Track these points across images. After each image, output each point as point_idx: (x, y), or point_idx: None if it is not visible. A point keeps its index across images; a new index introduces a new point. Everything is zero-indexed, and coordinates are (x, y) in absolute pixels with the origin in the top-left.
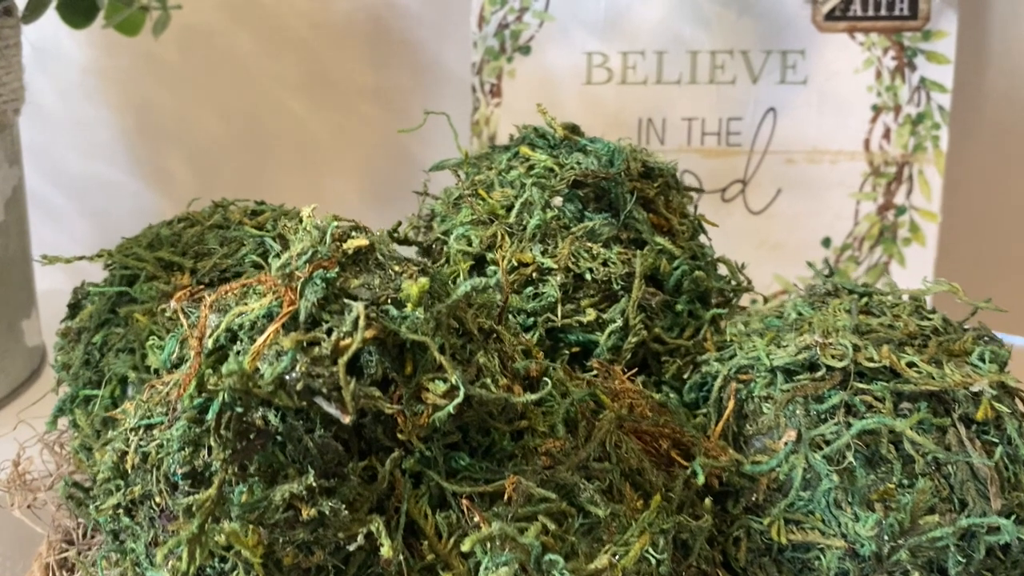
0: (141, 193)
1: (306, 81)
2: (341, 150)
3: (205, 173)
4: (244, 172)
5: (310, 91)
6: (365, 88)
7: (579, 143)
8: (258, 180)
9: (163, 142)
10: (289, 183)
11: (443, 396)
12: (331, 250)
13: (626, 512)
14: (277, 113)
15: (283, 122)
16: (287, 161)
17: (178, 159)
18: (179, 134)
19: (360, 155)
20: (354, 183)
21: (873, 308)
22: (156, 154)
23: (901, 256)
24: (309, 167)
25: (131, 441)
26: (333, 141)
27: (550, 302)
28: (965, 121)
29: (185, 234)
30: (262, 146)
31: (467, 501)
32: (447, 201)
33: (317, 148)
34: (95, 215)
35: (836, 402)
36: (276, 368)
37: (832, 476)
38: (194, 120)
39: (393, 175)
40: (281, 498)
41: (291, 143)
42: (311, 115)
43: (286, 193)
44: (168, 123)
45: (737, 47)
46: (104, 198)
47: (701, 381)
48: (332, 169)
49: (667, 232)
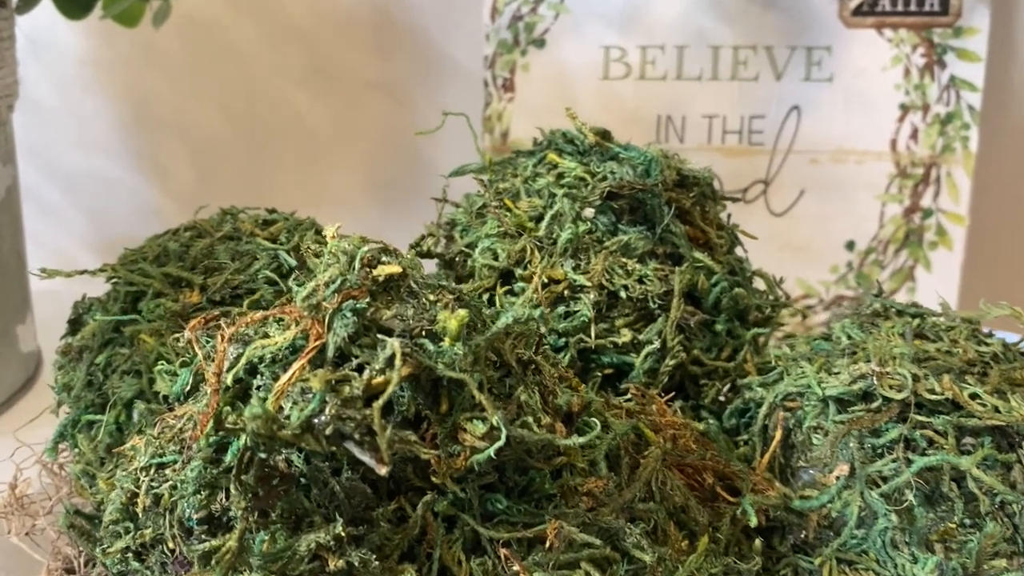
0: (139, 188)
1: (309, 73)
2: (344, 145)
3: (205, 168)
4: (245, 167)
5: (313, 84)
6: (370, 81)
7: (611, 150)
8: (259, 175)
9: (162, 136)
10: (291, 179)
11: (482, 437)
12: (361, 278)
13: (671, 555)
14: (279, 106)
15: (285, 116)
16: (289, 156)
17: (177, 153)
18: (178, 127)
19: (364, 150)
20: (357, 179)
21: (927, 331)
22: (154, 148)
23: (927, 260)
24: (311, 162)
25: (142, 481)
26: (336, 136)
27: (583, 322)
28: (995, 121)
29: (193, 247)
30: (263, 140)
31: (506, 550)
32: (469, 210)
33: (320, 143)
34: (91, 211)
35: (894, 436)
36: (304, 411)
37: (890, 515)
38: (194, 113)
39: (398, 171)
40: (307, 548)
41: (293, 137)
42: (314, 109)
43: (288, 189)
44: (167, 116)
45: (761, 42)
46: (101, 193)
47: (743, 407)
48: (335, 164)
49: (704, 245)
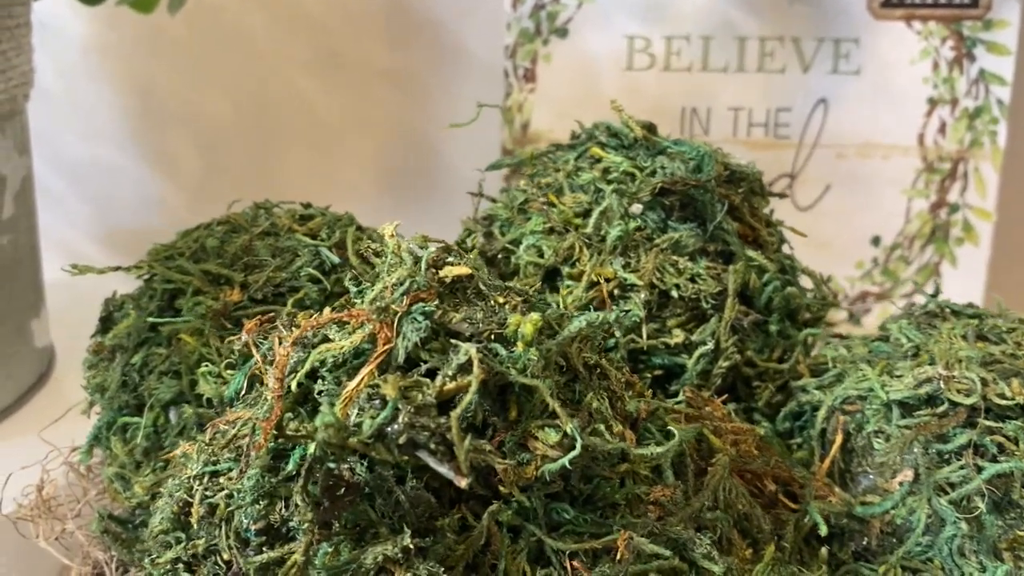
0: (145, 178)
1: (319, 61)
2: (355, 135)
3: (212, 158)
4: (253, 157)
5: (323, 72)
6: (382, 70)
7: (660, 145)
8: (268, 166)
9: (168, 125)
10: (300, 169)
11: (555, 446)
12: (428, 279)
13: (737, 564)
14: (288, 96)
15: (295, 105)
16: (298, 146)
17: (184, 142)
18: (185, 116)
19: (375, 140)
20: (369, 170)
21: (988, 333)
22: (161, 137)
23: (953, 256)
24: (322, 152)
25: (195, 490)
26: (347, 125)
27: (635, 321)
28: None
29: (231, 243)
30: (272, 130)
31: (575, 561)
32: (510, 205)
33: (330, 132)
34: (96, 201)
35: (963, 442)
36: (376, 419)
37: (960, 523)
38: (201, 102)
39: (410, 162)
40: (373, 560)
41: (303, 127)
42: (324, 97)
43: (297, 180)
44: (174, 105)
45: (788, 34)
46: (106, 183)
47: (798, 410)
48: (346, 154)
49: (754, 242)
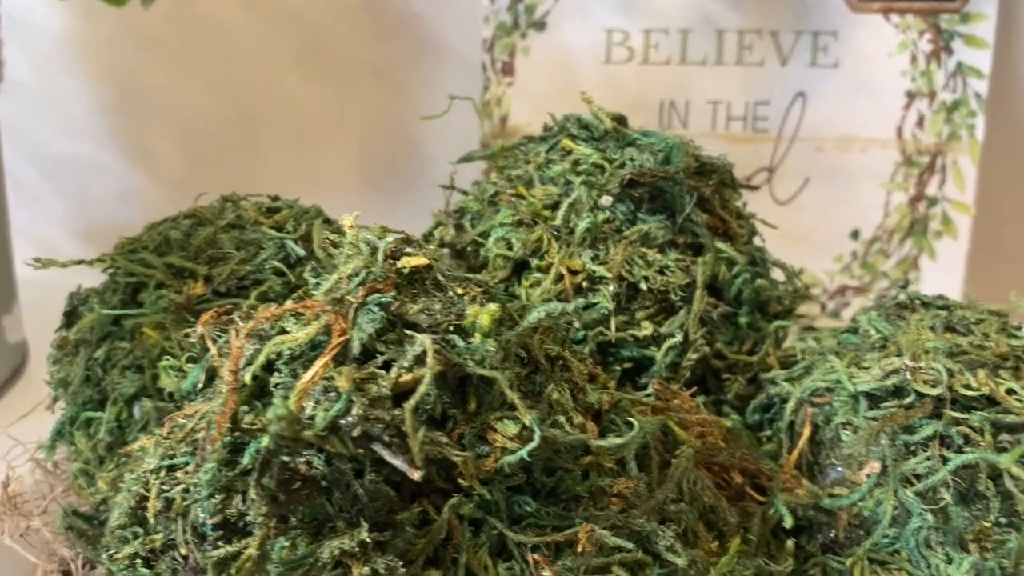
0: (123, 173)
1: (301, 55)
2: (338, 129)
3: (192, 152)
4: (234, 152)
5: (305, 66)
6: (364, 64)
7: (629, 136)
8: (249, 160)
9: (147, 119)
10: (282, 164)
11: (513, 438)
12: (385, 270)
13: (702, 557)
14: (270, 89)
15: (276, 99)
16: (280, 140)
17: (163, 137)
18: (164, 110)
19: (358, 135)
20: (350, 164)
21: (957, 325)
22: (139, 132)
23: (932, 250)
24: (304, 147)
25: (152, 484)
26: (329, 120)
27: (603, 314)
28: (1002, 109)
29: (196, 235)
30: (253, 124)
31: (536, 554)
32: (480, 198)
33: (312, 127)
34: (74, 196)
35: (929, 433)
36: (330, 411)
37: (926, 515)
38: (180, 96)
39: (392, 157)
40: (330, 554)
41: (284, 121)
42: (306, 92)
43: (279, 174)
44: (153, 99)
45: (766, 27)
46: (84, 178)
47: (767, 402)
48: (328, 149)
49: (724, 235)
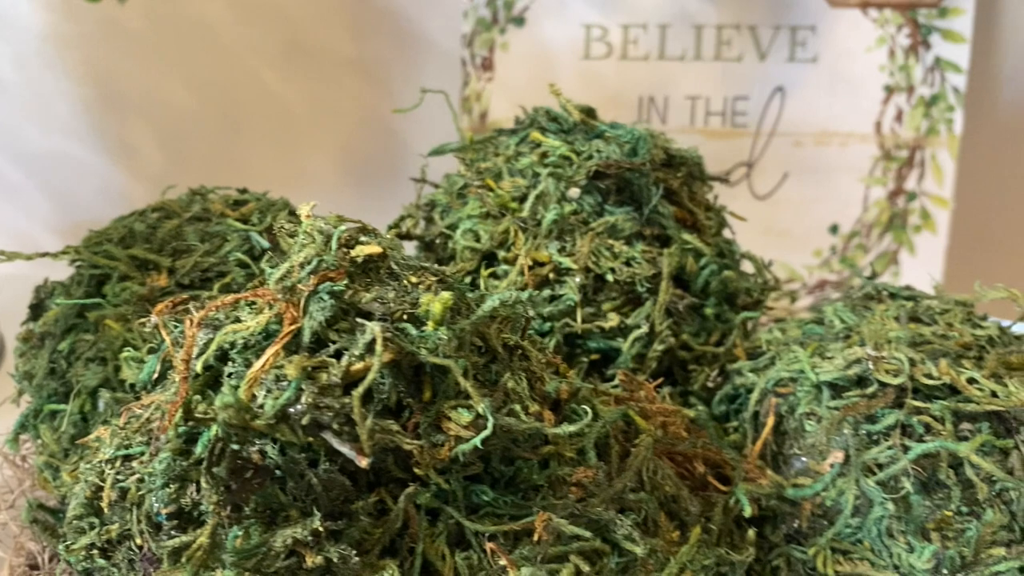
0: (105, 170)
1: (282, 51)
2: (319, 125)
3: (174, 149)
4: (215, 148)
5: (286, 62)
6: (345, 59)
7: (597, 128)
8: (231, 156)
9: (128, 115)
10: (264, 159)
11: (467, 426)
12: (338, 258)
13: (662, 546)
14: (251, 85)
15: (257, 94)
16: (262, 136)
17: (145, 133)
18: (146, 107)
19: (339, 130)
20: (333, 160)
21: (922, 315)
22: (121, 128)
23: (911, 244)
24: (285, 143)
25: (107, 474)
26: (311, 115)
27: (569, 306)
28: (980, 104)
29: (161, 228)
30: (235, 120)
31: (493, 543)
32: (450, 190)
33: (294, 123)
34: (55, 193)
35: (891, 422)
36: (279, 399)
37: (887, 504)
38: (162, 92)
39: (375, 152)
40: (283, 543)
41: (266, 117)
42: (287, 87)
43: (261, 171)
44: (134, 95)
45: (745, 22)
46: (66, 174)
47: (733, 393)
48: (309, 145)
49: (692, 227)
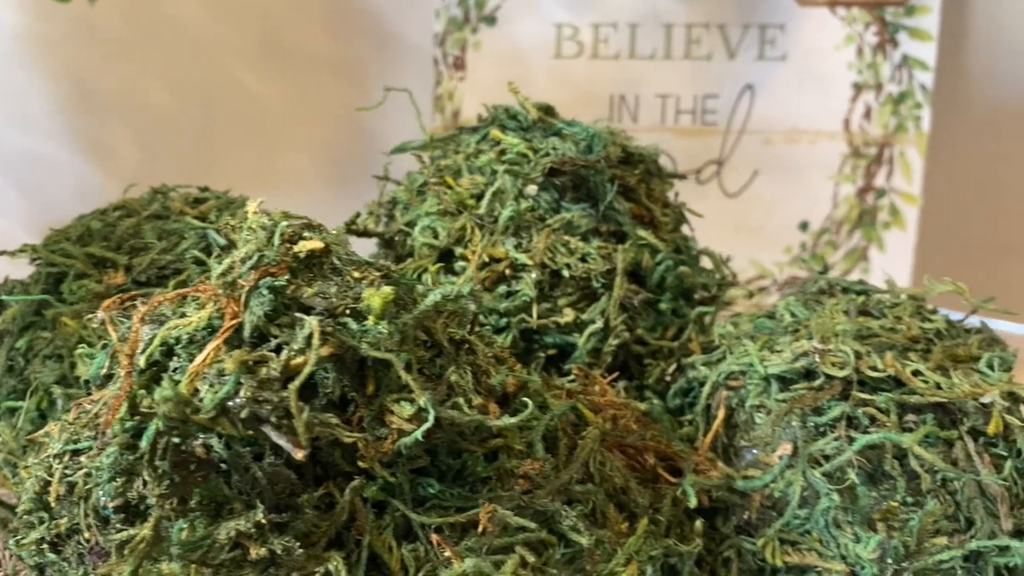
0: (81, 170)
1: (259, 50)
2: (296, 125)
3: (150, 148)
4: (192, 147)
5: (263, 61)
6: (322, 59)
7: (554, 126)
8: (208, 156)
9: (105, 115)
10: (241, 159)
11: (410, 419)
12: (280, 254)
13: (610, 537)
14: (228, 84)
15: (234, 94)
16: (239, 136)
17: (121, 133)
18: (123, 107)
19: (317, 130)
20: (310, 160)
21: (872, 308)
22: (97, 128)
23: (880, 241)
24: (262, 143)
25: (55, 469)
26: (288, 115)
27: (524, 301)
28: (948, 101)
29: (120, 226)
30: (212, 120)
31: (437, 535)
32: (410, 188)
33: (271, 122)
34: (32, 193)
35: (837, 414)
36: (217, 393)
37: (832, 495)
38: (138, 92)
39: (352, 152)
40: (226, 536)
41: (243, 117)
42: (264, 87)
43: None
44: (110, 94)
45: (714, 20)
46: (42, 175)
47: (687, 386)
48: (287, 145)
49: (649, 223)
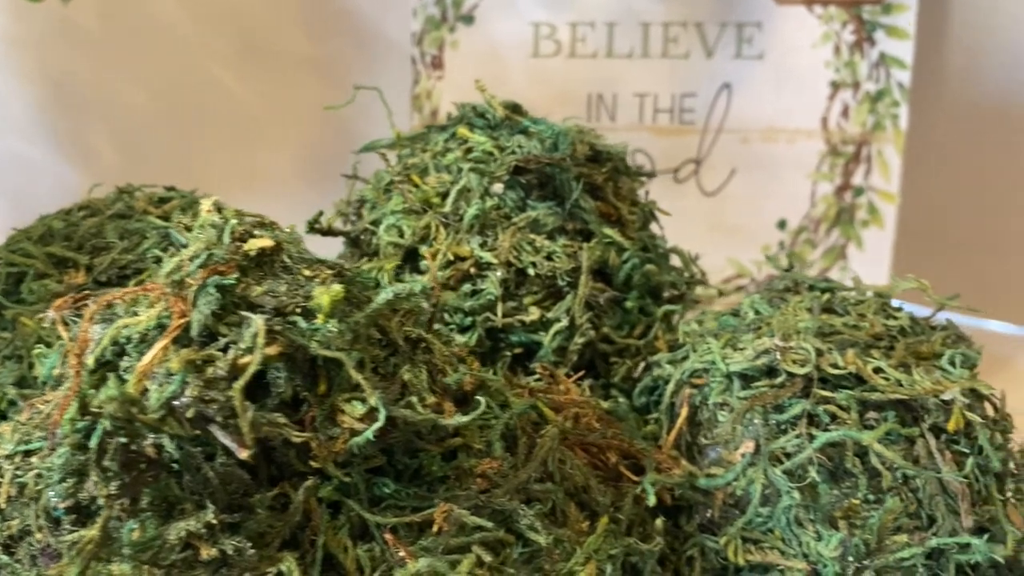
0: (62, 172)
1: (238, 50)
2: (277, 124)
3: (130, 149)
4: (173, 148)
5: (242, 61)
6: (301, 58)
7: (521, 124)
8: (189, 157)
9: (84, 116)
10: (221, 160)
11: (361, 419)
12: (229, 252)
13: (570, 536)
14: (207, 85)
15: (214, 94)
16: (219, 136)
17: (100, 134)
18: (102, 108)
19: (297, 130)
20: (291, 160)
21: (836, 306)
22: (76, 129)
23: (859, 239)
24: (242, 143)
25: (6, 470)
26: (268, 115)
27: (490, 300)
28: (925, 99)
29: (82, 226)
30: (192, 120)
31: (389, 534)
32: (377, 187)
33: (251, 122)
34: (12, 196)
35: (797, 412)
36: (164, 392)
37: (793, 493)
38: (117, 92)
39: (333, 152)
40: (177, 536)
41: (223, 117)
42: (244, 87)
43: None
44: (89, 96)
45: (691, 19)
46: (21, 177)
47: (652, 384)
48: (267, 145)
49: (616, 221)
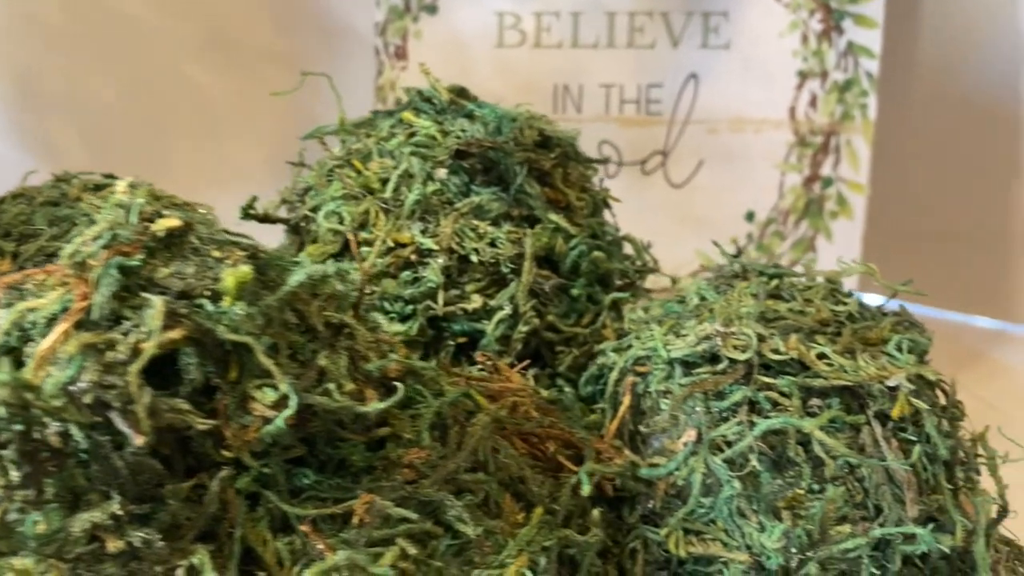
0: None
1: (205, 43)
2: (244, 117)
3: (97, 144)
4: (140, 143)
5: (209, 54)
6: (268, 51)
7: (465, 108)
8: (156, 152)
9: (49, 111)
10: (190, 154)
11: (274, 406)
12: (136, 232)
13: (503, 528)
14: (174, 78)
15: (181, 88)
16: (186, 130)
17: (66, 130)
18: (67, 102)
19: (265, 123)
20: (259, 152)
21: (783, 292)
22: (42, 124)
23: (828, 230)
24: (210, 136)
25: None
26: (235, 108)
27: (431, 288)
28: (894, 89)
29: (9, 212)
30: (159, 114)
31: (307, 526)
32: (320, 173)
33: (219, 116)
34: None
35: (738, 399)
36: (60, 377)
37: (734, 482)
38: (83, 87)
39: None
40: (81, 528)
41: (190, 110)
42: (211, 80)
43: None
44: (54, 90)
45: (657, 8)
46: None
47: (597, 373)
48: (235, 138)
49: (564, 208)
